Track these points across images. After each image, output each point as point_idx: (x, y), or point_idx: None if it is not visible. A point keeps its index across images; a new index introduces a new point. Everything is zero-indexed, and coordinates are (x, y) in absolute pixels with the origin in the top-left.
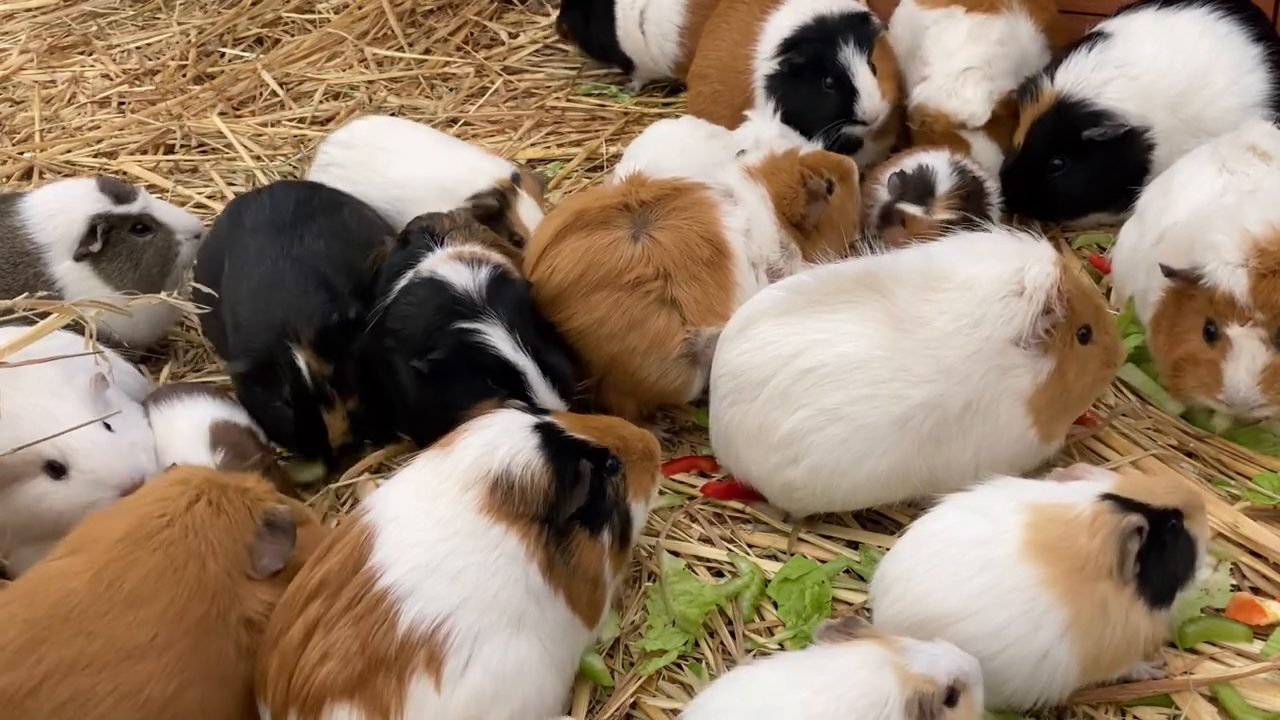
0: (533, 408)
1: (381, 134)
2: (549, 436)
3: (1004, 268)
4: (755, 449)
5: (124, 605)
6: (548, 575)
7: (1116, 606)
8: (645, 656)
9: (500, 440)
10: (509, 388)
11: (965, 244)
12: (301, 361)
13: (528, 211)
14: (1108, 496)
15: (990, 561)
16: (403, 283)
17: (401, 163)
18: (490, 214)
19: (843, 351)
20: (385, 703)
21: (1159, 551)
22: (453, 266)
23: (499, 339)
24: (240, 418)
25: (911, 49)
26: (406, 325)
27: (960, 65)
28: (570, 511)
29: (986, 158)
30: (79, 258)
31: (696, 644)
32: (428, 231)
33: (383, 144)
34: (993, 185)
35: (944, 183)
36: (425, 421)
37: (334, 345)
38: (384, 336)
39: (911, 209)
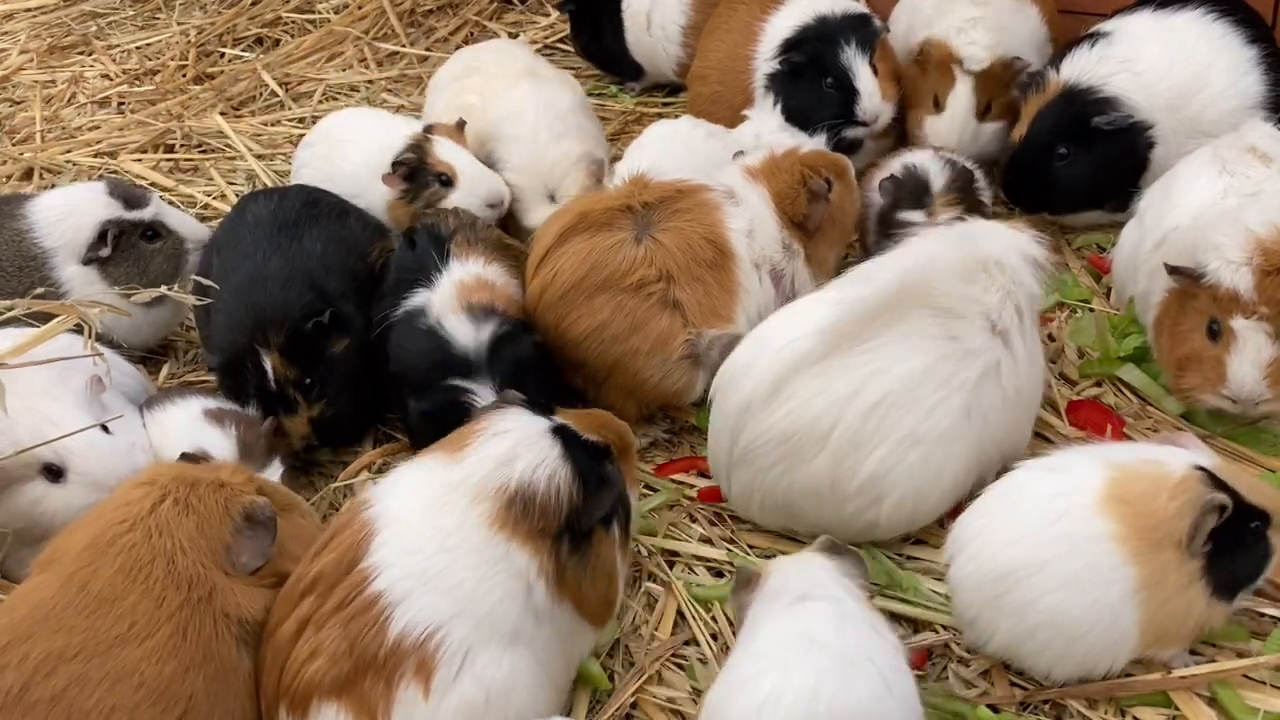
0: (538, 405)
1: (337, 127)
2: (568, 443)
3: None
4: (828, 503)
5: (96, 602)
6: (557, 586)
7: (1177, 579)
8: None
9: (519, 451)
10: None
11: (969, 230)
12: (268, 364)
13: (445, 150)
14: (1202, 469)
15: (1066, 512)
16: (413, 302)
17: (351, 153)
18: (413, 167)
19: (906, 369)
20: (373, 706)
21: (1234, 543)
22: (459, 321)
23: (487, 399)
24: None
25: (909, 37)
26: (408, 373)
27: (967, 15)
28: (596, 519)
29: (960, 110)
30: (87, 261)
31: (697, 644)
32: (432, 232)
33: (337, 136)
34: (980, 172)
35: (938, 179)
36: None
37: (304, 350)
38: (390, 364)
39: (914, 215)
